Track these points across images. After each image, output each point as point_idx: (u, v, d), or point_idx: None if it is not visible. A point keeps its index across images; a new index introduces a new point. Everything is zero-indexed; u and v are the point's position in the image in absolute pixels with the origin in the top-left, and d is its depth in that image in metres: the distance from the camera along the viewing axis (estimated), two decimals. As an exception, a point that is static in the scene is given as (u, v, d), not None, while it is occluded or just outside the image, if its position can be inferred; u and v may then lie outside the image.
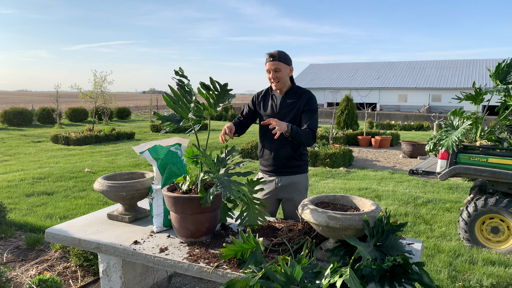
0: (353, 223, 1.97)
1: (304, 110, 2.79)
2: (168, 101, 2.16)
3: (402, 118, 27.18)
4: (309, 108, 2.79)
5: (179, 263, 2.14)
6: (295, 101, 2.81)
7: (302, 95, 2.82)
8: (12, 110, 18.90)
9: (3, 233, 4.09)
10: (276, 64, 2.73)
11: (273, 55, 2.74)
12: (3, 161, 8.96)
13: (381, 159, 10.31)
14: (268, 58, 2.75)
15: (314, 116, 2.78)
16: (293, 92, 2.85)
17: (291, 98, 2.82)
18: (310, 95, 2.83)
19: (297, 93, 2.84)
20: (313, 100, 2.83)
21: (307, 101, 2.80)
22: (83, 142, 12.24)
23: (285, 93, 2.86)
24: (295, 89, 2.87)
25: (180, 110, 2.20)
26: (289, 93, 2.85)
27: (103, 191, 2.67)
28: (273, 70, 2.74)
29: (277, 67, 2.74)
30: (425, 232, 4.38)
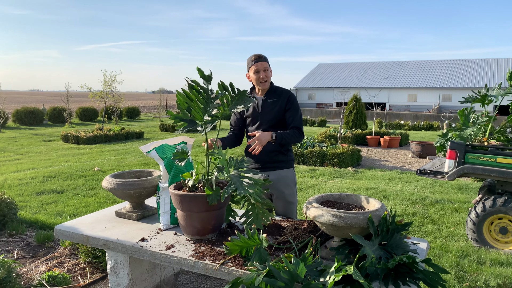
0: (358, 221, 1.98)
1: (287, 109, 2.89)
2: (180, 99, 2.18)
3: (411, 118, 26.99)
4: (291, 106, 2.89)
5: (185, 260, 2.17)
6: (275, 100, 2.90)
7: (281, 94, 2.92)
8: (24, 109, 19.16)
9: (14, 230, 4.16)
10: (265, 64, 2.84)
11: (260, 56, 2.85)
12: (14, 159, 9.10)
13: (390, 159, 10.26)
14: (257, 58, 2.84)
15: (297, 114, 2.89)
16: (273, 92, 2.94)
17: (272, 98, 2.92)
18: (289, 93, 2.93)
19: (277, 92, 2.94)
20: (293, 98, 2.93)
21: (288, 100, 2.90)
22: (93, 141, 12.37)
23: (266, 93, 2.94)
24: (274, 89, 2.96)
25: (193, 111, 2.21)
26: (269, 93, 2.94)
27: (111, 189, 2.71)
28: (262, 70, 2.83)
29: (266, 67, 2.85)
30: (433, 232, 4.36)
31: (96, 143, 12.41)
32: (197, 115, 2.24)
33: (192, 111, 2.22)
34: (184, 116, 2.23)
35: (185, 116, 2.23)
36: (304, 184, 6.72)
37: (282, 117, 2.90)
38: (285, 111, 2.90)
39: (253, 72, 2.84)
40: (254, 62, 2.83)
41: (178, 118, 2.22)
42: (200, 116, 2.24)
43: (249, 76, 2.92)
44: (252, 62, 2.84)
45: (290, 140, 2.81)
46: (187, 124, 2.23)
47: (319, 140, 10.83)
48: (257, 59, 2.84)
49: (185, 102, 2.20)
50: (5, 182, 6.51)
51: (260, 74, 2.83)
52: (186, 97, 2.19)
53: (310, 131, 18.27)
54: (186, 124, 2.23)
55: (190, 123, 2.25)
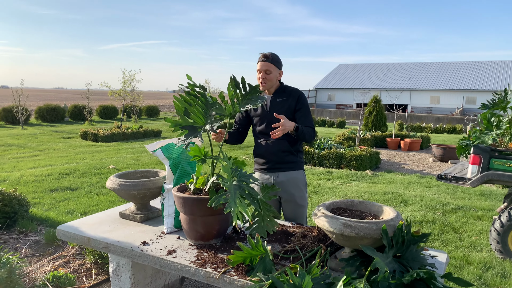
0: (370, 232, 1.83)
1: (297, 109, 2.77)
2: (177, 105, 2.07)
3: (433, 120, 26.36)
4: (302, 106, 2.78)
5: (186, 267, 2.05)
6: (284, 100, 2.78)
7: (291, 94, 2.80)
8: (46, 106, 19.52)
9: (24, 227, 4.14)
10: (267, 66, 2.71)
11: (266, 56, 2.72)
12: (33, 156, 9.21)
13: (410, 162, 9.97)
14: (262, 58, 2.72)
15: (309, 114, 2.79)
16: (282, 91, 2.82)
17: (281, 97, 2.80)
18: (299, 93, 2.81)
19: (286, 91, 2.82)
20: (304, 98, 2.80)
21: (298, 99, 2.78)
22: (111, 139, 12.45)
23: (274, 92, 2.82)
24: (283, 88, 2.84)
25: (192, 116, 2.10)
26: (278, 92, 2.82)
27: (114, 189, 2.62)
28: (263, 71, 2.71)
29: (268, 69, 2.71)
30: (454, 241, 4.13)
31: (113, 141, 12.49)
32: (198, 119, 2.12)
33: (192, 115, 2.10)
34: (184, 122, 2.11)
35: (185, 122, 2.11)
36: (319, 187, 6.54)
37: (291, 117, 2.77)
38: (295, 111, 2.78)
39: (257, 70, 2.76)
40: (258, 61, 2.75)
41: (178, 125, 2.11)
42: (201, 120, 2.12)
43: None
44: (258, 60, 2.76)
45: (305, 137, 2.69)
46: (188, 132, 2.12)
47: (336, 142, 10.62)
48: (261, 59, 2.74)
49: (182, 107, 2.08)
50: (21, 179, 6.56)
51: (260, 74, 2.73)
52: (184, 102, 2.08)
53: (329, 132, 18.01)
54: (187, 131, 2.12)
55: (191, 130, 2.13)
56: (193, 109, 2.08)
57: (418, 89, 39.36)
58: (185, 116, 2.10)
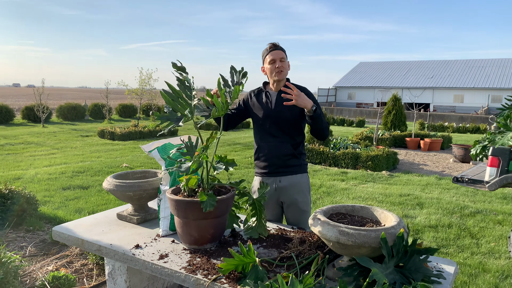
0: (368, 240, 1.70)
1: None
2: (166, 97, 1.99)
3: (457, 119, 25.66)
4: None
5: (176, 273, 1.97)
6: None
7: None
8: (67, 105, 19.88)
9: (32, 226, 4.15)
10: (281, 54, 2.57)
11: (276, 44, 2.59)
12: (50, 154, 9.34)
13: (429, 163, 9.67)
14: (273, 47, 2.58)
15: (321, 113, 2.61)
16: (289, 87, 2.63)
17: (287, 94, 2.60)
18: (307, 91, 2.65)
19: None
20: (311, 95, 2.63)
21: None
22: (127, 137, 12.55)
23: (280, 89, 2.64)
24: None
25: (179, 108, 2.02)
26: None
27: (110, 190, 2.56)
28: (278, 60, 2.56)
29: (283, 56, 2.58)
30: (470, 247, 3.93)
31: (130, 139, 12.59)
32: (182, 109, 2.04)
33: (179, 107, 2.02)
34: (171, 115, 2.04)
35: (171, 115, 2.04)
36: (332, 188, 6.39)
37: (297, 117, 2.63)
38: (302, 110, 2.61)
39: (268, 62, 2.57)
40: (270, 51, 2.57)
41: (164, 118, 2.05)
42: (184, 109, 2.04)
43: (264, 68, 2.66)
44: (268, 51, 2.58)
45: (323, 125, 2.53)
46: (174, 123, 2.05)
47: (353, 141, 10.40)
48: (272, 47, 2.57)
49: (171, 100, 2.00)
50: (36, 176, 6.64)
51: (276, 64, 2.55)
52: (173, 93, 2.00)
53: (347, 131, 17.73)
54: (172, 123, 2.04)
55: (177, 120, 2.06)
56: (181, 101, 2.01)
57: (441, 88, 38.42)
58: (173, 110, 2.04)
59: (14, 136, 12.71)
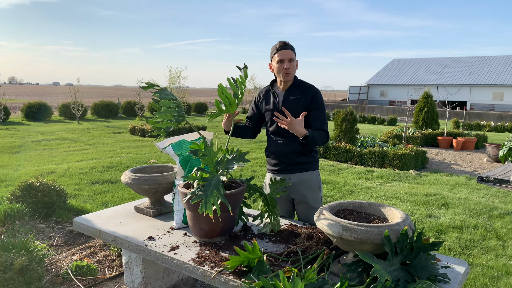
0: (371, 236, 1.70)
1: (311, 109, 2.58)
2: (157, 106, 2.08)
3: (495, 118, 24.64)
4: (315, 106, 2.58)
5: (185, 264, 2.03)
6: (298, 98, 2.59)
7: (306, 91, 2.60)
8: (101, 103, 20.55)
9: (60, 218, 4.35)
10: (291, 54, 2.54)
11: (286, 43, 2.55)
12: (83, 149, 9.70)
13: (461, 162, 9.36)
14: (283, 46, 2.54)
15: (323, 115, 2.59)
16: (296, 86, 2.63)
17: (294, 94, 2.60)
18: (315, 91, 2.61)
19: (300, 88, 2.62)
20: (319, 97, 2.60)
21: (313, 98, 2.58)
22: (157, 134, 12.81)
23: (288, 89, 2.64)
24: (297, 83, 2.65)
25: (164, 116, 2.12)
26: (292, 89, 2.63)
27: (127, 183, 2.66)
28: (287, 60, 2.53)
29: (292, 57, 2.55)
30: (495, 249, 3.80)
31: (160, 136, 12.85)
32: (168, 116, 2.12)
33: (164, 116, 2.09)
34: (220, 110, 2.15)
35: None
36: (356, 186, 6.31)
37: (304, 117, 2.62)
38: (308, 111, 2.58)
39: (277, 61, 2.55)
40: (279, 49, 2.54)
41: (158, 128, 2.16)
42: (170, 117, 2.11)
43: (272, 66, 2.64)
44: (277, 50, 2.55)
45: (317, 142, 2.53)
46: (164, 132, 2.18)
47: (381, 140, 10.21)
48: (282, 46, 2.54)
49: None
50: (68, 171, 6.92)
51: (284, 64, 2.52)
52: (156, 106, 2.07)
53: (377, 129, 17.41)
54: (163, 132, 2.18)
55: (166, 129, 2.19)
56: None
57: (479, 85, 36.97)
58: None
59: (50, 132, 13.27)
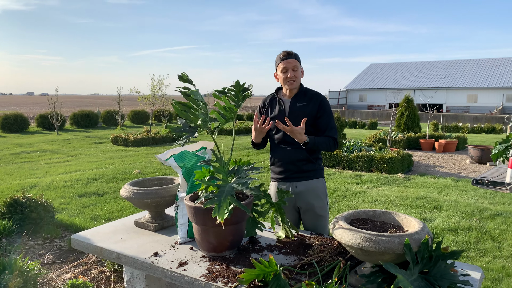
0: (392, 246, 1.66)
1: (318, 116, 2.59)
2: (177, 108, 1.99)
3: (471, 120, 25.30)
4: (324, 113, 2.59)
5: (196, 281, 1.95)
6: (305, 105, 2.59)
7: (312, 98, 2.61)
8: (80, 112, 20.12)
9: (49, 234, 4.19)
10: (294, 62, 2.54)
11: (290, 53, 2.56)
12: (65, 161, 9.44)
13: (445, 164, 9.53)
14: (286, 55, 2.55)
15: (331, 121, 2.60)
16: (303, 94, 2.64)
17: (301, 102, 2.61)
18: (321, 98, 2.62)
19: (307, 95, 2.63)
20: (326, 104, 2.62)
21: (320, 105, 2.59)
22: (140, 143, 12.63)
23: (294, 96, 2.64)
24: (304, 91, 2.66)
25: (193, 118, 2.02)
26: (298, 96, 2.63)
27: (128, 197, 2.56)
28: (291, 69, 2.54)
29: (296, 65, 2.54)
30: (492, 251, 3.84)
31: (143, 145, 12.67)
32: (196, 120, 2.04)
33: (193, 118, 2.02)
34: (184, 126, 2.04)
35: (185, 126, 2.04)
36: (347, 191, 6.32)
37: (311, 124, 2.60)
38: (316, 118, 2.59)
39: (281, 70, 2.55)
40: (283, 59, 2.55)
41: (177, 130, 2.04)
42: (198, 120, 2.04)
43: (277, 75, 2.64)
44: (281, 59, 2.56)
45: (320, 148, 2.52)
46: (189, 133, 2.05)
47: (367, 144, 10.31)
48: (286, 56, 2.54)
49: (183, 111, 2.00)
50: (52, 184, 6.70)
51: (288, 73, 2.53)
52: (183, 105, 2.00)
53: (359, 133, 17.60)
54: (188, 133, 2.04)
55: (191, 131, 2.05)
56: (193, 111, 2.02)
57: (454, 88, 37.95)
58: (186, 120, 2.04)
59: (29, 144, 12.89)
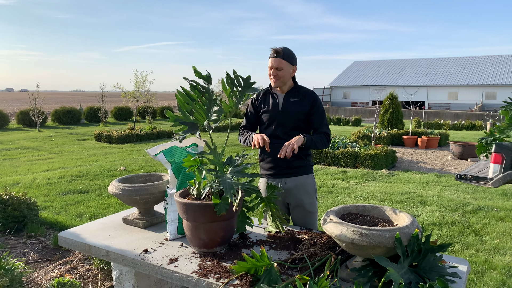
0: (383, 240, 1.69)
1: (312, 113, 2.63)
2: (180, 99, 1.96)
3: (452, 117, 25.79)
4: (317, 110, 2.63)
5: (187, 277, 1.95)
6: (299, 101, 2.62)
7: (306, 96, 2.64)
8: (62, 109, 19.76)
9: (33, 232, 4.11)
10: (278, 62, 2.54)
11: (277, 51, 2.55)
12: (47, 158, 9.27)
13: (428, 160, 9.69)
14: (272, 53, 2.56)
15: (324, 119, 2.65)
16: (296, 91, 2.66)
17: (295, 97, 2.64)
18: (315, 96, 2.66)
19: (300, 92, 2.66)
20: (319, 102, 2.66)
21: (313, 103, 2.63)
22: (124, 140, 12.49)
23: (288, 92, 2.66)
24: (297, 88, 2.68)
25: (196, 113, 2.00)
26: (291, 92, 2.66)
27: (116, 194, 2.53)
28: (274, 68, 2.55)
29: (280, 65, 2.54)
30: (475, 244, 3.93)
31: (127, 142, 12.53)
32: (200, 117, 2.01)
33: (195, 113, 1.99)
34: (186, 118, 2.01)
35: (186, 119, 2.01)
36: (333, 187, 6.38)
37: (304, 119, 2.63)
38: (309, 114, 2.62)
39: (268, 66, 2.59)
40: (270, 56, 2.58)
41: (178, 121, 2.01)
42: (202, 118, 2.01)
43: None
44: (269, 56, 2.59)
45: (318, 146, 2.55)
46: (188, 128, 2.02)
47: (351, 140, 10.41)
48: (272, 54, 2.56)
49: (186, 103, 1.97)
50: (34, 181, 6.58)
51: (271, 71, 2.57)
52: (188, 97, 1.97)
53: (344, 130, 17.76)
54: (187, 128, 2.02)
55: (191, 127, 2.03)
56: (196, 105, 1.98)
57: (435, 85, 38.60)
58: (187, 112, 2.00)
59: (10, 141, 12.61)
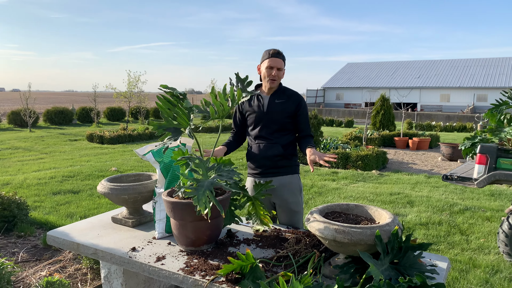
0: (364, 237, 1.74)
1: (298, 115, 2.68)
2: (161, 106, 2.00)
3: (444, 118, 26.02)
4: (303, 112, 2.69)
5: (174, 275, 1.98)
6: (284, 102, 2.66)
7: (291, 97, 2.69)
8: (54, 109, 19.66)
9: (23, 232, 4.11)
10: (281, 63, 2.59)
11: (280, 52, 2.60)
12: (38, 158, 9.23)
13: (418, 162, 9.79)
14: (275, 54, 2.58)
15: (308, 120, 2.73)
16: (281, 92, 2.70)
17: (280, 99, 2.67)
18: (300, 98, 2.71)
19: (286, 93, 2.70)
20: (304, 104, 2.72)
21: (299, 105, 2.68)
22: (117, 141, 12.46)
23: (273, 93, 2.69)
24: (282, 89, 2.72)
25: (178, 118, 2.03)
26: (276, 94, 2.69)
27: (105, 193, 2.56)
28: (276, 68, 2.58)
29: (281, 66, 2.60)
30: (460, 244, 4.00)
31: (119, 142, 12.50)
32: (182, 121, 2.05)
33: (178, 118, 2.03)
34: (169, 123, 2.04)
35: (169, 124, 2.04)
36: (324, 188, 6.43)
37: (289, 121, 2.67)
38: (294, 115, 2.67)
39: (266, 66, 2.58)
40: (271, 56, 2.57)
41: (161, 128, 2.04)
42: (185, 122, 2.05)
43: (260, 69, 2.67)
44: (269, 56, 2.58)
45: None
46: (172, 134, 2.05)
47: (343, 142, 10.48)
48: (275, 54, 2.57)
49: (167, 109, 2.01)
50: (25, 182, 6.56)
51: (272, 71, 2.57)
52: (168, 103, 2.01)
53: (336, 131, 17.85)
54: (170, 134, 2.05)
55: (175, 132, 2.06)
56: (178, 110, 2.01)
57: (428, 87, 38.89)
58: (169, 118, 2.03)
59: (0, 141, 12.53)
